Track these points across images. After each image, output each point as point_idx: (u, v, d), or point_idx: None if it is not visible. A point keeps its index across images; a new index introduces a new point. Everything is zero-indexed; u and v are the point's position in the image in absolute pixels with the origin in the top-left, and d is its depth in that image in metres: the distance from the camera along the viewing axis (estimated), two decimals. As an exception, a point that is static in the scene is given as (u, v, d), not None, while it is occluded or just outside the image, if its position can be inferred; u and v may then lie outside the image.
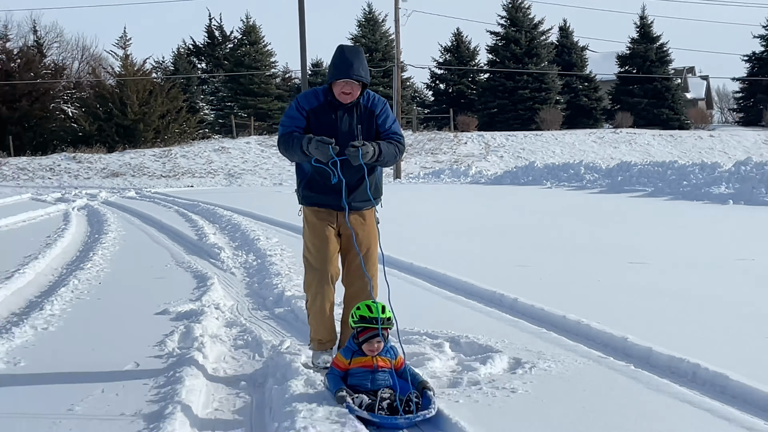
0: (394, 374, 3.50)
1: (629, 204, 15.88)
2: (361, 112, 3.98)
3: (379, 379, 3.43)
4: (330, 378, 3.51)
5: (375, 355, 3.49)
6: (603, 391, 3.49)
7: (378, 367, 3.46)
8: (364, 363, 3.46)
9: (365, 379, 3.43)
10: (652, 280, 6.70)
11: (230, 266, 8.60)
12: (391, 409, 3.18)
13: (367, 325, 3.49)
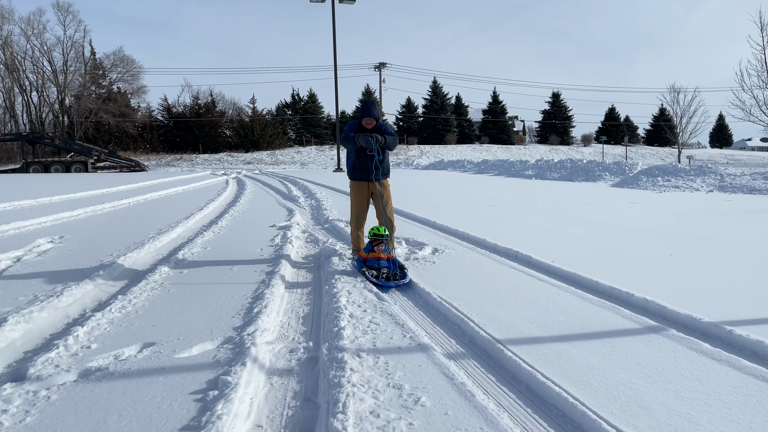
0: (388, 261, 5.45)
1: (486, 178, 25.36)
2: (379, 132, 6.05)
3: (381, 264, 5.38)
4: (357, 261, 5.65)
5: (380, 252, 5.51)
6: (475, 263, 5.97)
7: (381, 258, 5.47)
8: (375, 255, 5.47)
9: (375, 263, 5.40)
10: (498, 214, 10.28)
11: (303, 205, 12.53)
12: (387, 278, 5.20)
13: (377, 237, 5.58)
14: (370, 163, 6.07)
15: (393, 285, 5.08)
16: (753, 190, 14.16)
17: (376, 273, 5.26)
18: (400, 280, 5.16)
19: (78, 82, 60.04)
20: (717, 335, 3.70)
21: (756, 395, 2.78)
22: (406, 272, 5.29)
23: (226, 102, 73.04)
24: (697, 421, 2.53)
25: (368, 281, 5.16)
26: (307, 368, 3.35)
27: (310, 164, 56.24)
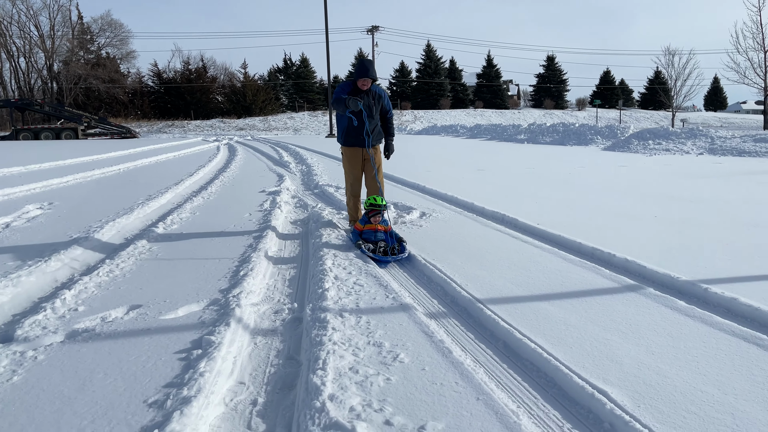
0: (386, 234, 5.12)
1: (479, 143, 24.95)
2: (374, 95, 5.59)
3: (378, 236, 5.05)
4: (353, 234, 5.34)
5: (377, 223, 5.16)
6: (461, 226, 6.03)
7: (378, 230, 5.11)
8: (371, 227, 5.14)
9: (371, 235, 5.07)
10: (488, 178, 10.27)
11: (294, 171, 12.47)
12: (384, 252, 4.78)
13: (373, 207, 5.26)
14: (364, 126, 5.61)
15: (391, 259, 4.73)
16: (742, 153, 14.21)
17: (372, 247, 4.94)
18: (399, 254, 4.81)
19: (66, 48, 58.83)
20: (693, 293, 3.78)
21: (725, 349, 2.86)
22: (404, 246, 4.96)
23: (217, 67, 71.75)
24: (665, 374, 2.61)
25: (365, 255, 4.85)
26: (290, 328, 3.41)
27: (302, 130, 55.89)
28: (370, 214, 5.25)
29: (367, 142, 5.63)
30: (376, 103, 5.67)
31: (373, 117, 5.63)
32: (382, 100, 5.75)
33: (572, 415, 2.37)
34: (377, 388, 2.52)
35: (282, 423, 2.37)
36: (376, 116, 5.69)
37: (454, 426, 2.21)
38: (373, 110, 5.63)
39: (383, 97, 5.76)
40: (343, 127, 5.70)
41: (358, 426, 2.19)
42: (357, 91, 5.52)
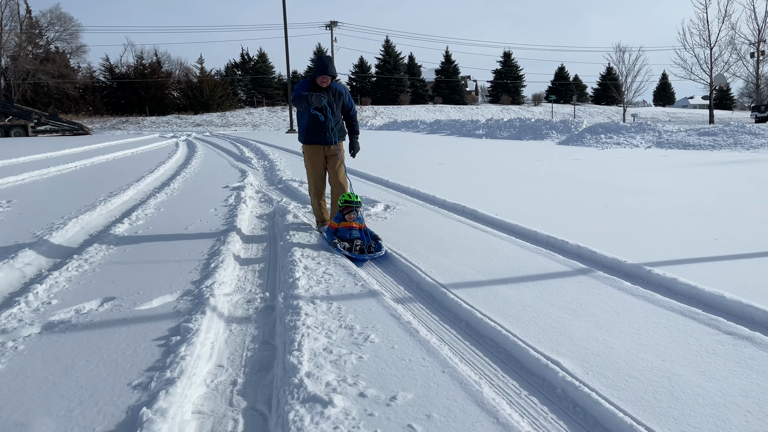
0: (361, 231, 4.98)
1: (438, 138, 25.69)
2: (334, 93, 5.48)
3: (353, 234, 4.92)
4: (328, 233, 5.11)
5: (352, 221, 5.01)
6: (424, 217, 6.25)
7: (353, 227, 4.97)
8: (346, 225, 4.99)
9: (346, 233, 4.93)
10: (448, 172, 10.54)
11: (256, 166, 12.49)
12: (361, 251, 4.65)
13: (347, 204, 5.06)
14: (326, 124, 5.48)
15: (368, 258, 4.63)
16: (687, 146, 14.92)
17: (348, 245, 4.79)
18: (375, 252, 4.70)
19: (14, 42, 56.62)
20: (638, 275, 4.08)
21: (664, 323, 3.15)
22: (381, 243, 4.86)
23: (172, 62, 70.28)
24: (611, 345, 2.87)
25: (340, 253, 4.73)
26: (264, 315, 3.56)
27: (262, 126, 55.44)
28: (344, 212, 5.08)
29: (331, 138, 5.50)
30: (337, 101, 5.56)
31: (335, 114, 5.52)
32: (343, 97, 5.64)
33: (529, 383, 2.61)
34: (351, 365, 2.70)
35: (262, 399, 2.53)
36: (338, 113, 5.59)
37: (423, 395, 2.41)
38: (334, 107, 5.52)
39: (344, 93, 5.65)
40: (304, 125, 5.57)
41: (335, 398, 2.36)
42: (317, 89, 5.40)
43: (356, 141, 5.82)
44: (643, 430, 2.11)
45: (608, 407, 2.28)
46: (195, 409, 2.43)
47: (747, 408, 2.27)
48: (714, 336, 2.95)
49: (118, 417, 2.28)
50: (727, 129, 15.38)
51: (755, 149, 13.56)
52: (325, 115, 5.38)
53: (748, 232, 5.20)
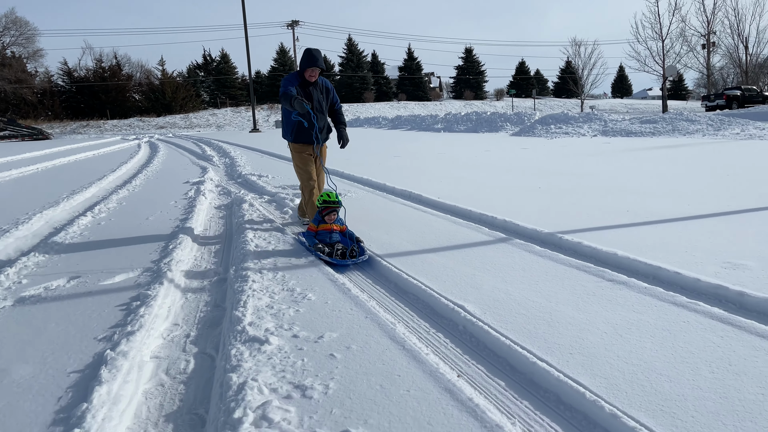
0: (341, 234, 4.70)
1: (399, 133, 26.50)
2: (322, 88, 5.29)
3: (334, 237, 4.58)
4: (307, 237, 4.70)
5: (332, 222, 4.68)
6: (372, 203, 6.72)
7: (333, 230, 4.64)
8: (326, 227, 4.63)
9: (326, 237, 4.57)
10: (403, 163, 11.14)
11: (217, 163, 12.83)
12: (342, 255, 4.25)
13: (328, 204, 4.72)
14: (316, 124, 5.19)
15: (350, 263, 4.22)
16: (630, 134, 15.75)
17: (329, 250, 4.40)
18: (359, 257, 4.31)
19: (-34, 47, 55.27)
20: (551, 241, 4.63)
21: (560, 275, 3.69)
22: (363, 247, 4.50)
23: (132, 65, 69.26)
24: (510, 293, 3.40)
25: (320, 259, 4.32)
26: (216, 286, 3.99)
27: (226, 126, 55.19)
28: (324, 213, 4.74)
29: (317, 140, 5.31)
30: (325, 97, 5.37)
31: (323, 112, 5.32)
32: (330, 94, 5.46)
33: (437, 324, 3.11)
34: (288, 316, 3.16)
35: (211, 346, 2.97)
36: (325, 111, 5.39)
37: (346, 334, 2.88)
38: (323, 105, 5.33)
39: (331, 90, 5.49)
40: (293, 124, 5.30)
41: (271, 338, 2.82)
42: (305, 83, 5.18)
43: (344, 132, 5.51)
44: (518, 348, 2.62)
45: (495, 335, 2.79)
46: (153, 355, 2.86)
47: (604, 330, 2.81)
48: (598, 283, 3.50)
49: (87, 360, 2.70)
50: (667, 117, 16.28)
51: (691, 134, 14.44)
52: (309, 121, 5.15)
53: (659, 205, 5.82)
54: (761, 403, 2.11)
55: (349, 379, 2.42)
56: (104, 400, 2.26)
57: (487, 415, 2.08)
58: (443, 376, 2.40)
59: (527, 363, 2.51)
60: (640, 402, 2.15)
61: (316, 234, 4.65)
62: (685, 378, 2.31)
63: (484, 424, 2.04)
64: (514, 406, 2.24)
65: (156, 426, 2.24)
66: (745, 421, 2.00)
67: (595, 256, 4.15)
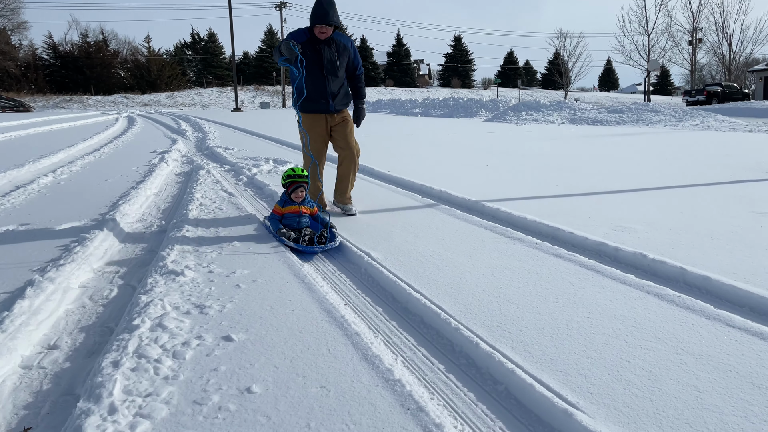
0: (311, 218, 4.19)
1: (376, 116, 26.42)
2: (338, 46, 4.46)
3: (303, 222, 4.07)
4: (271, 221, 4.09)
5: (300, 202, 4.11)
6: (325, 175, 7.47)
7: (302, 213, 4.09)
8: (293, 210, 4.08)
9: (293, 221, 4.04)
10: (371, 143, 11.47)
11: (189, 137, 13.06)
12: (311, 241, 3.76)
13: (293, 179, 4.15)
14: (327, 88, 4.49)
15: (318, 250, 3.72)
16: (596, 122, 16.19)
17: (296, 235, 3.86)
18: (328, 243, 3.79)
19: (-53, 17, 54.43)
20: (475, 208, 5.00)
21: (467, 232, 4.05)
22: (335, 232, 3.94)
23: (119, 41, 68.75)
24: (415, 244, 3.76)
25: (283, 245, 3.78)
26: (155, 235, 4.30)
27: (211, 106, 55.10)
28: (290, 189, 4.18)
29: (332, 105, 4.61)
30: (341, 57, 4.52)
31: (337, 74, 4.51)
32: (349, 53, 4.58)
33: (344, 267, 3.45)
34: (210, 257, 3.50)
35: (135, 279, 3.30)
36: (341, 73, 4.56)
37: (257, 272, 3.22)
38: (337, 66, 4.50)
39: (350, 48, 4.60)
40: (300, 88, 4.46)
41: (187, 272, 3.16)
42: (314, 41, 4.38)
43: (362, 108, 4.81)
44: (401, 283, 2.98)
45: (387, 274, 3.14)
46: (81, 285, 3.18)
47: (482, 272, 3.17)
48: (497, 239, 3.87)
49: (18, 285, 3.02)
50: (633, 107, 16.74)
51: (654, 125, 14.90)
52: (297, 67, 4.28)
53: (588, 182, 6.20)
54: (582, 322, 2.49)
55: (246, 302, 2.76)
56: (24, 310, 2.58)
57: (351, 327, 2.44)
58: (328, 301, 2.75)
59: (404, 293, 2.87)
60: (483, 321, 2.52)
61: (282, 218, 4.10)
62: (530, 305, 2.68)
63: (346, 332, 2.39)
64: (383, 325, 2.60)
65: (70, 335, 2.56)
66: (563, 333, 2.37)
67: (508, 220, 4.52)
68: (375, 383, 1.99)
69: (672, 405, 1.85)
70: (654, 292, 2.81)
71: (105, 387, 1.92)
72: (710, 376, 2.02)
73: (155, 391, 1.93)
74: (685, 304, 2.65)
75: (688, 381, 1.99)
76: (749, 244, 3.61)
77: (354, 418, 1.79)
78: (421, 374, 2.13)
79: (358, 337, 2.35)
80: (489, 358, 2.16)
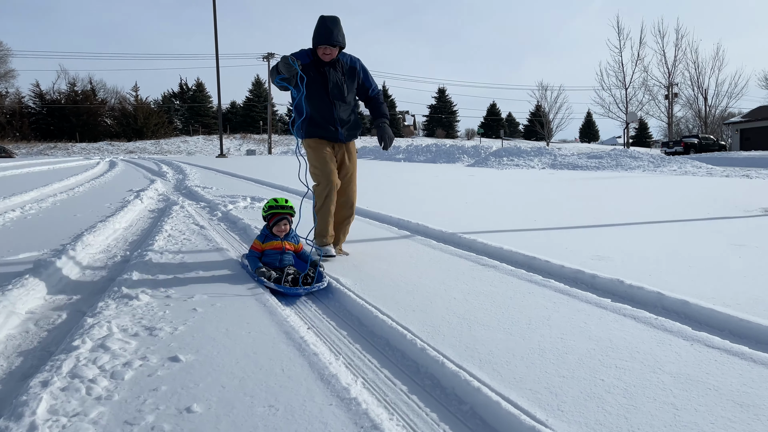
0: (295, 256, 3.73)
1: (361, 162, 26.20)
2: (344, 68, 4.00)
3: (285, 259, 3.58)
4: (250, 260, 3.54)
5: (283, 237, 3.63)
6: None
7: (285, 249, 3.59)
8: (275, 246, 3.58)
9: (275, 259, 3.54)
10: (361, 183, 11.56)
11: (169, 179, 12.87)
12: (295, 282, 3.25)
13: (276, 211, 3.70)
14: (335, 114, 4.01)
15: (303, 292, 3.19)
16: (576, 167, 16.36)
17: (277, 275, 3.38)
18: (315, 283, 3.28)
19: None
20: (451, 239, 4.89)
21: (442, 261, 3.93)
22: (322, 272, 3.44)
23: (107, 90, 69.43)
24: (388, 271, 3.62)
25: (262, 286, 3.25)
26: (118, 265, 4.12)
27: (197, 153, 55.24)
28: (272, 222, 3.74)
29: (341, 133, 4.09)
30: (348, 80, 4.05)
31: (345, 99, 4.04)
32: (358, 75, 4.11)
33: (313, 295, 3.30)
34: (168, 280, 3.33)
35: (87, 306, 3.11)
36: (349, 98, 4.08)
37: (216, 295, 3.06)
38: (344, 90, 4.02)
39: (358, 69, 4.12)
40: (305, 114, 4.02)
41: (143, 296, 2.99)
42: (318, 63, 3.94)
43: (386, 127, 4.18)
44: (369, 307, 2.83)
45: (355, 298, 3.00)
46: (28, 311, 2.99)
47: (454, 297, 3.04)
48: (472, 267, 3.75)
49: (-42, 309, 2.81)
50: (612, 153, 16.99)
51: (632, 170, 15.09)
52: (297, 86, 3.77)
53: (565, 218, 6.15)
54: (555, 342, 2.35)
55: (201, 325, 2.59)
56: (-42, 332, 2.39)
57: (310, 348, 2.28)
58: (289, 324, 2.59)
59: (371, 316, 2.72)
60: (451, 342, 2.37)
61: (262, 254, 3.62)
62: (502, 327, 2.54)
63: (304, 353, 2.24)
64: (345, 347, 2.44)
65: (7, 359, 2.37)
66: (534, 354, 2.23)
67: (484, 250, 4.41)
68: (329, 402, 1.83)
69: (648, 422, 1.71)
70: (630, 314, 2.69)
71: (28, 406, 1.74)
72: (689, 394, 1.89)
73: (84, 411, 1.75)
74: (662, 325, 2.54)
75: (665, 399, 1.86)
76: (728, 272, 3.53)
77: (301, 437, 1.62)
78: (381, 394, 1.97)
79: (317, 357, 2.19)
80: (454, 377, 2.01)
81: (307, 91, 3.84)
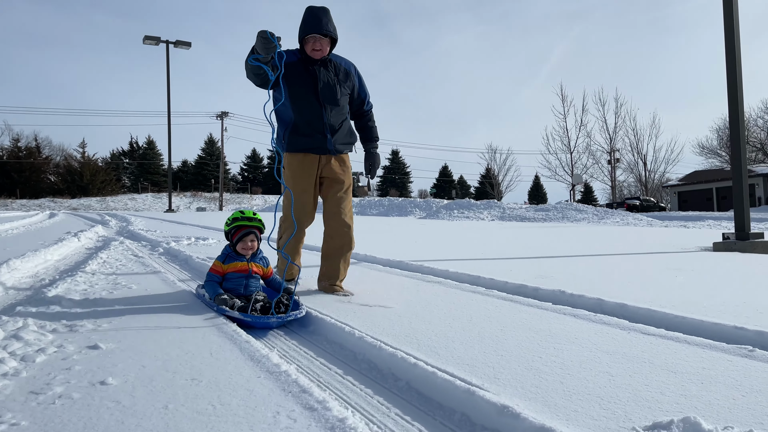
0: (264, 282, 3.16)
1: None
2: (337, 69, 3.38)
3: (252, 285, 3.01)
4: (208, 285, 2.93)
5: (249, 257, 3.03)
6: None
7: (252, 272, 3.02)
8: (240, 268, 2.98)
9: (239, 284, 2.97)
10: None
11: (112, 226, 12.42)
12: (264, 310, 2.70)
13: (241, 224, 3.04)
14: (325, 119, 3.32)
15: (275, 323, 2.63)
16: (524, 219, 16.80)
17: (242, 303, 2.79)
18: (290, 312, 2.70)
19: None
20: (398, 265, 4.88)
21: (385, 279, 3.90)
22: (297, 301, 2.86)
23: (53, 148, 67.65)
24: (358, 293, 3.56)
25: (223, 316, 2.68)
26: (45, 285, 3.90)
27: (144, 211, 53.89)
28: (235, 238, 3.07)
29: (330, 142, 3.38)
30: (341, 83, 3.40)
31: (337, 103, 3.35)
32: (352, 79, 3.48)
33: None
34: (98, 291, 3.17)
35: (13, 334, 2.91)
36: (342, 101, 3.39)
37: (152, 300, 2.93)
38: (337, 92, 3.36)
39: (353, 74, 3.50)
40: (288, 120, 3.36)
41: (64, 302, 2.82)
42: (307, 61, 3.30)
43: (375, 153, 3.65)
44: (324, 317, 2.75)
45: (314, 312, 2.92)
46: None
47: (396, 303, 3.00)
48: (417, 283, 3.75)
49: None
50: (558, 206, 17.58)
51: (578, 222, 15.58)
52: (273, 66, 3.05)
53: (511, 252, 6.25)
54: (495, 333, 2.34)
55: (127, 321, 2.47)
56: None
57: (242, 337, 2.19)
58: (220, 319, 2.49)
59: (311, 317, 2.65)
60: (390, 332, 2.32)
61: (223, 279, 2.99)
62: (443, 322, 2.52)
63: (235, 341, 2.14)
64: (280, 342, 2.36)
65: None
66: (474, 340, 2.21)
67: (430, 272, 4.41)
68: (257, 375, 1.75)
69: (584, 386, 1.69)
70: (571, 313, 2.72)
71: None
72: (624, 366, 1.89)
73: (-16, 384, 1.61)
74: (601, 320, 2.57)
75: (601, 369, 1.86)
76: (665, 286, 3.63)
77: (223, 400, 1.53)
78: (314, 376, 1.90)
79: (248, 344, 2.10)
80: (391, 357, 1.97)
81: (292, 92, 3.21)
